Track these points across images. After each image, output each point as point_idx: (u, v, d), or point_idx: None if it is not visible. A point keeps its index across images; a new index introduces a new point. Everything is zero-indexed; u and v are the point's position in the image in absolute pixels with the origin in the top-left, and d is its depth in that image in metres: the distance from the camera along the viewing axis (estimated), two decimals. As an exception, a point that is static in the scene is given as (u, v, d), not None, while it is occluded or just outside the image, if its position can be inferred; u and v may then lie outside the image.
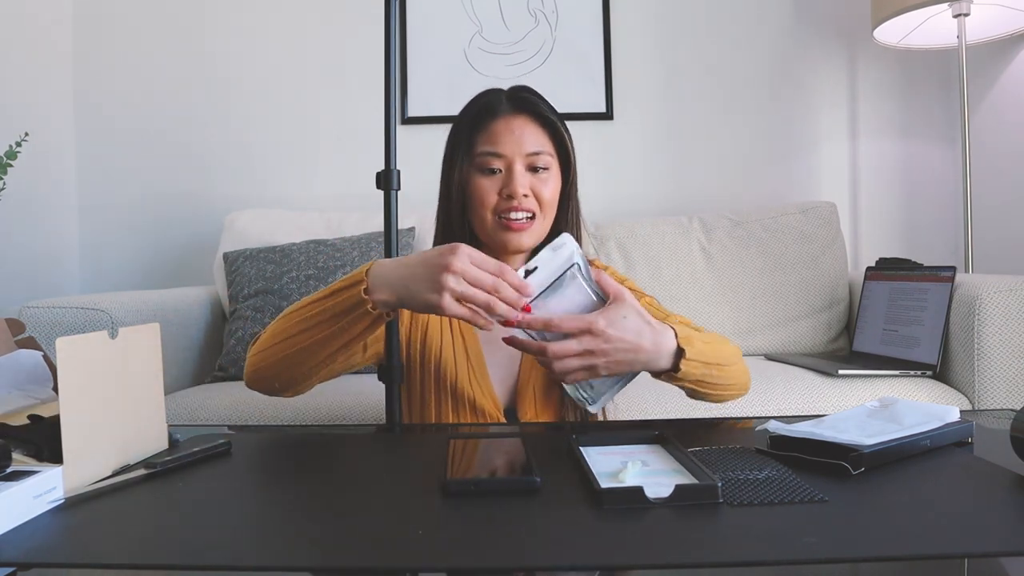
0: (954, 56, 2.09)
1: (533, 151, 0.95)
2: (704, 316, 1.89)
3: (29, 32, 2.13)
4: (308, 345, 0.80)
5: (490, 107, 0.97)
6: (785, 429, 0.65)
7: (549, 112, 0.98)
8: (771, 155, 2.25)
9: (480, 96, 1.00)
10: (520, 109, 0.97)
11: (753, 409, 1.29)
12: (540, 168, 0.95)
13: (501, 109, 0.97)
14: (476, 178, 0.95)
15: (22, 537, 0.49)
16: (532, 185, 0.94)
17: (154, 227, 2.29)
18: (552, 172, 0.97)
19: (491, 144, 0.95)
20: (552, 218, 0.98)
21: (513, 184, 0.93)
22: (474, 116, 0.98)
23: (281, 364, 0.83)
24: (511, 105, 0.97)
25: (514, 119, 0.96)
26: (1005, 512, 0.51)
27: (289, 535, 0.50)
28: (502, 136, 0.95)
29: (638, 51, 2.26)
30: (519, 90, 0.99)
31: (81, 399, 0.60)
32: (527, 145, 0.95)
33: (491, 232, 0.96)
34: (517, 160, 0.94)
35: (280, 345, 0.82)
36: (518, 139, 0.95)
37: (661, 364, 0.79)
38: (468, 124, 0.98)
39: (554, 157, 0.97)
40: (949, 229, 2.23)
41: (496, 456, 0.68)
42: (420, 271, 0.75)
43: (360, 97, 2.26)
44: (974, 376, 1.42)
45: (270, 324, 0.86)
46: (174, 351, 1.72)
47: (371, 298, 0.76)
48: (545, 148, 0.96)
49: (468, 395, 0.93)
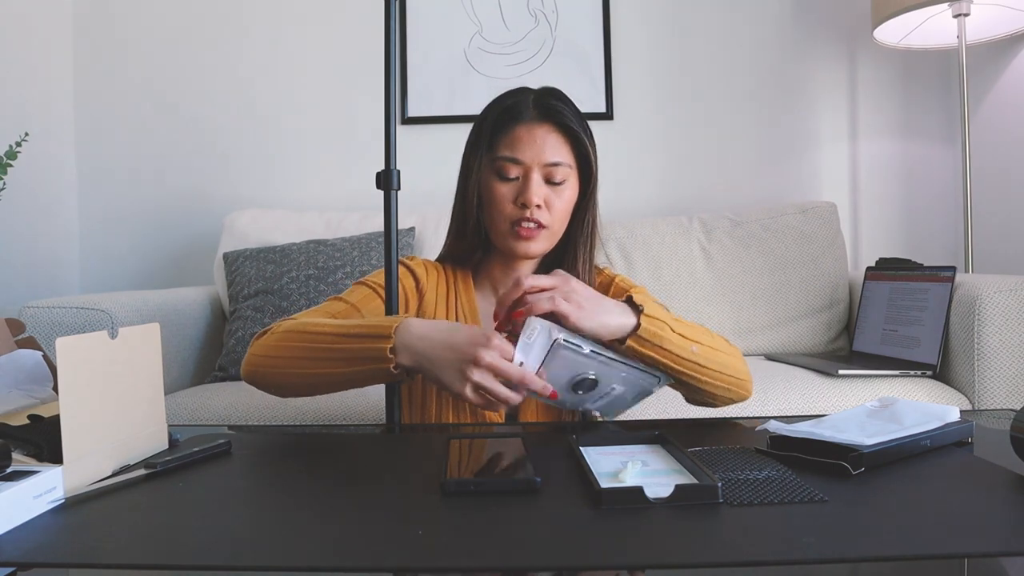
0: (954, 56, 2.10)
1: (552, 162, 0.94)
2: (704, 316, 1.89)
3: (29, 32, 2.13)
4: (319, 374, 0.80)
5: (515, 110, 0.96)
6: (785, 429, 0.65)
7: (574, 122, 0.96)
8: (771, 155, 2.25)
9: (507, 96, 0.99)
10: (545, 117, 0.95)
11: (753, 409, 1.29)
12: (557, 181, 0.94)
13: (526, 115, 0.95)
14: (493, 182, 0.95)
15: (22, 537, 0.49)
16: (546, 196, 0.94)
17: (154, 227, 2.29)
18: (569, 184, 0.96)
19: (511, 150, 0.94)
20: (563, 227, 0.98)
21: (528, 193, 0.92)
22: (498, 116, 0.96)
23: (284, 378, 0.83)
24: (537, 112, 0.95)
25: (537, 127, 0.94)
26: (1005, 512, 0.51)
27: (289, 535, 0.50)
28: (523, 143, 0.94)
29: (638, 51, 2.26)
30: (547, 96, 0.97)
31: (81, 399, 0.60)
32: (547, 155, 0.93)
33: (503, 238, 0.96)
34: (535, 169, 0.93)
35: (289, 361, 0.81)
36: (539, 148, 0.93)
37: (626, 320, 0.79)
38: (491, 124, 0.96)
39: (573, 169, 0.96)
40: (949, 229, 2.23)
41: (496, 456, 0.68)
42: (448, 355, 0.75)
43: (360, 97, 2.26)
44: (974, 376, 1.42)
45: (282, 329, 0.85)
46: (174, 351, 1.72)
47: (395, 359, 0.76)
48: (565, 160, 0.95)
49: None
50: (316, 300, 1.74)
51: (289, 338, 0.83)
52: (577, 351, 0.75)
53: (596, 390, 0.79)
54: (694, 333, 0.83)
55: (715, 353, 0.84)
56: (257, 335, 0.88)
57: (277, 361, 0.82)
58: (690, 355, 0.81)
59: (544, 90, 0.98)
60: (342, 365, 0.79)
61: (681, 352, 0.80)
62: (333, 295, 0.99)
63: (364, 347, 0.78)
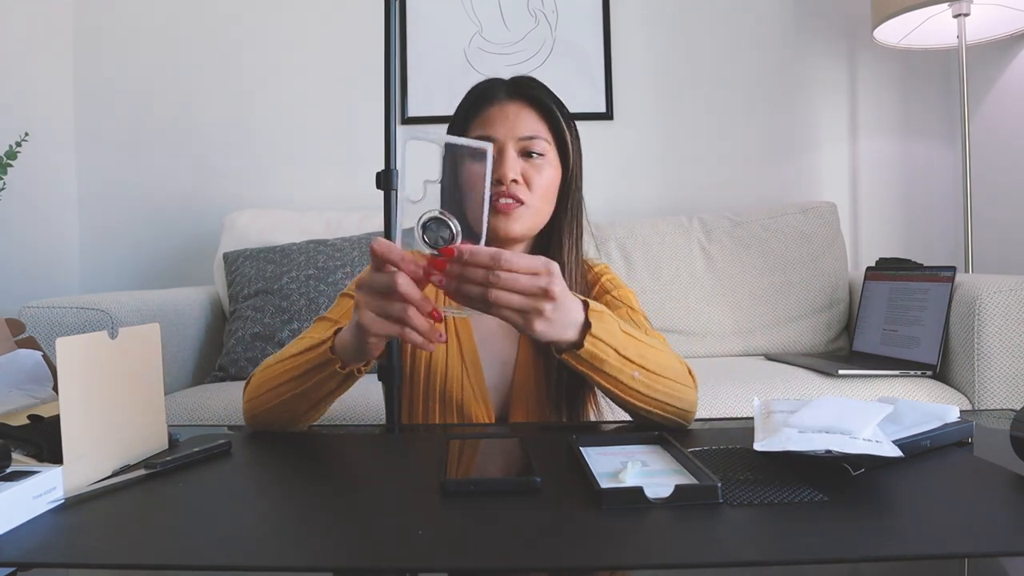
0: (954, 56, 2.10)
1: (527, 135, 0.90)
2: (704, 316, 1.89)
3: (29, 32, 2.13)
4: (289, 398, 0.78)
5: (487, 94, 0.94)
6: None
7: (547, 99, 0.94)
8: (771, 155, 2.25)
9: (478, 84, 0.97)
10: (516, 95, 0.93)
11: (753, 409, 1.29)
12: (535, 153, 0.90)
13: (499, 95, 0.94)
14: (468, 164, 0.93)
15: (22, 537, 0.49)
16: (524, 171, 0.90)
17: (154, 227, 2.29)
18: (548, 159, 0.92)
19: (483, 128, 0.91)
20: (548, 210, 0.94)
21: (503, 168, 0.88)
22: (471, 102, 0.95)
23: (271, 413, 0.81)
24: (507, 92, 0.94)
25: (509, 104, 0.92)
26: (1005, 512, 0.51)
27: (289, 535, 0.50)
28: (495, 120, 0.91)
29: (638, 51, 2.26)
30: (519, 78, 0.96)
31: (81, 399, 0.60)
32: (520, 129, 0.90)
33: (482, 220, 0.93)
34: (509, 144, 0.90)
35: (268, 395, 0.80)
36: (512, 124, 0.91)
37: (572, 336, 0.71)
38: (463, 111, 0.95)
39: (551, 144, 0.93)
40: (949, 229, 2.23)
41: (496, 456, 0.68)
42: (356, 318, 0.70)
43: (360, 97, 2.26)
44: (974, 376, 1.42)
45: (259, 368, 0.84)
46: (174, 351, 1.71)
47: (338, 358, 0.74)
48: (541, 134, 0.91)
49: (458, 399, 0.92)
50: (316, 300, 1.74)
51: (265, 375, 0.81)
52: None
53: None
54: (644, 356, 0.76)
55: (660, 382, 0.77)
56: (247, 380, 0.86)
57: (260, 400, 0.81)
58: (629, 380, 0.75)
59: (517, 76, 0.97)
60: (302, 382, 0.77)
61: (620, 376, 0.74)
62: (319, 316, 0.95)
63: (312, 356, 0.76)
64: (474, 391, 0.92)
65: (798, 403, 0.69)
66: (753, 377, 1.48)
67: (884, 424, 0.67)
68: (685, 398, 0.79)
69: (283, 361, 0.80)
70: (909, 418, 0.68)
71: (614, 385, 0.75)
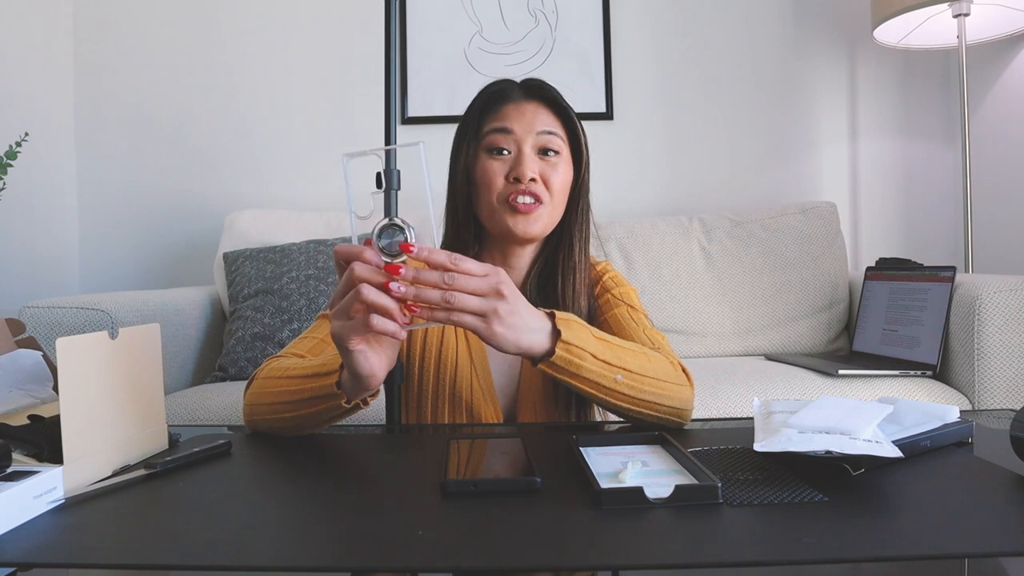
0: (954, 56, 2.10)
1: (545, 130, 0.90)
2: (704, 316, 1.89)
3: (29, 32, 2.13)
4: (289, 417, 0.77)
5: (502, 93, 0.94)
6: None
7: (562, 99, 0.94)
8: (771, 155, 2.25)
9: (491, 84, 0.97)
10: (532, 95, 0.93)
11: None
12: (551, 151, 0.91)
13: (514, 95, 0.94)
14: (483, 160, 0.91)
15: (22, 537, 0.49)
16: (541, 170, 0.89)
17: (154, 227, 2.29)
18: (563, 158, 0.92)
19: (500, 122, 0.91)
20: (561, 210, 0.93)
21: (521, 167, 0.88)
22: (484, 102, 0.94)
23: (268, 424, 0.79)
24: (523, 91, 0.94)
25: (526, 103, 0.92)
26: (1005, 512, 0.51)
27: (289, 535, 0.50)
28: (512, 116, 0.91)
29: (638, 51, 2.26)
30: (533, 80, 0.96)
31: (81, 399, 0.60)
32: (538, 125, 0.90)
33: (497, 219, 0.90)
34: (527, 140, 0.90)
35: (269, 407, 0.78)
36: (530, 120, 0.90)
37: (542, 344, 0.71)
38: (477, 110, 0.94)
39: (565, 142, 0.93)
40: (949, 229, 2.23)
41: (496, 456, 0.68)
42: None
43: (360, 97, 2.26)
44: (974, 376, 1.42)
45: (261, 375, 0.81)
46: (174, 351, 1.71)
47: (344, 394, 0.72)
48: (557, 131, 0.92)
49: (468, 400, 0.92)
50: (316, 300, 1.74)
51: (267, 387, 0.79)
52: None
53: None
54: (624, 359, 0.75)
55: (646, 382, 0.76)
56: (248, 380, 0.84)
57: (259, 408, 0.80)
58: (612, 384, 0.74)
59: (529, 77, 0.97)
60: (303, 407, 0.75)
61: (601, 380, 0.74)
62: (321, 313, 0.93)
63: (317, 385, 0.74)
64: (483, 392, 0.92)
65: (798, 403, 0.69)
66: (753, 377, 1.48)
67: (884, 424, 0.67)
68: (677, 396, 0.78)
69: (288, 379, 0.77)
70: (909, 418, 0.68)
71: (598, 390, 0.74)
